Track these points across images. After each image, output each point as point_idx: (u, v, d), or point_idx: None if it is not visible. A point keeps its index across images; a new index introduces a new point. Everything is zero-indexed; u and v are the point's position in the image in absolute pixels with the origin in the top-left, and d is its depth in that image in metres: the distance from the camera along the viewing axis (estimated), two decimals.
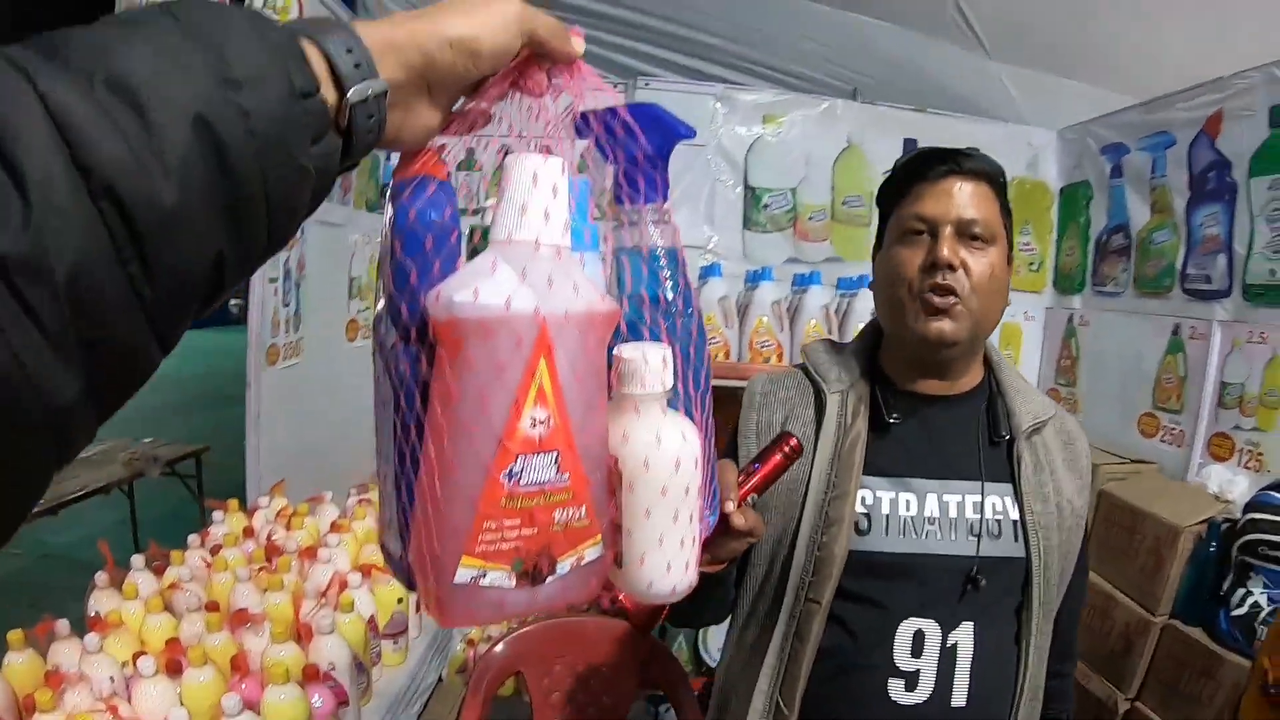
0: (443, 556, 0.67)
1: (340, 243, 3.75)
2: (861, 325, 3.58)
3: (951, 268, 1.48)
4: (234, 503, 2.67)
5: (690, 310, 0.82)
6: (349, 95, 0.57)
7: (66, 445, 0.46)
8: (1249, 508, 2.79)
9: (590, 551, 0.71)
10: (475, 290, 0.63)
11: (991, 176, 1.55)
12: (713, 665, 3.77)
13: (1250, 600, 2.66)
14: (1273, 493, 2.75)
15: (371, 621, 2.23)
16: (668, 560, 0.75)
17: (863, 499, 1.55)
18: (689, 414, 0.81)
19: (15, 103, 0.42)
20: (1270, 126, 3.11)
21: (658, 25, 4.36)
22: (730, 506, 1.21)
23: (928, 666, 1.51)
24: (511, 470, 0.65)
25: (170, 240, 0.46)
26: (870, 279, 1.72)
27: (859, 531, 1.54)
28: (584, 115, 0.77)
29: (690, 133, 0.79)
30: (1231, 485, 3.10)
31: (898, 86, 4.57)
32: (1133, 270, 3.95)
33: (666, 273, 0.80)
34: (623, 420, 0.73)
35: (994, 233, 1.52)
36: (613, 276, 0.80)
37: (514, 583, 0.68)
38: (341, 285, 3.80)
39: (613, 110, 0.77)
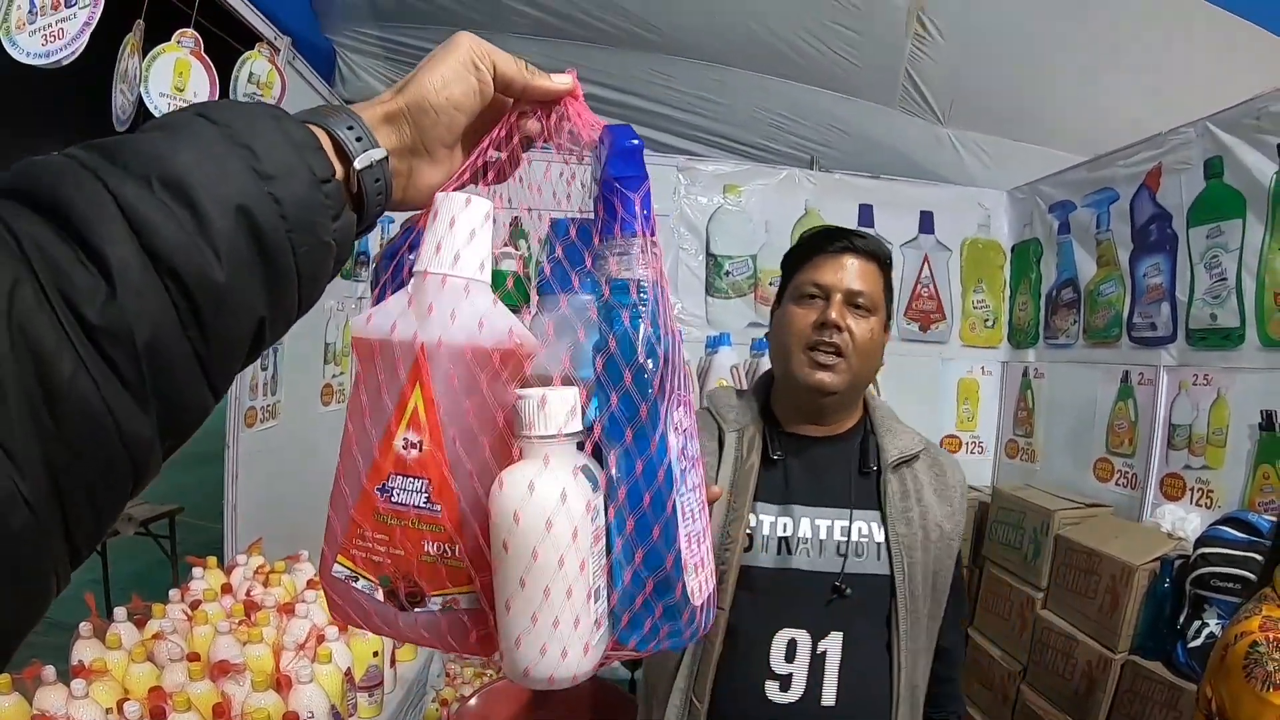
0: (329, 546, 0.73)
1: (316, 309, 3.74)
2: None
3: (839, 328, 1.74)
4: (212, 560, 2.68)
5: (655, 358, 0.73)
6: (355, 163, 0.66)
7: (142, 474, 0.55)
8: (1200, 543, 2.87)
9: (464, 598, 0.69)
10: (369, 316, 0.70)
11: (879, 258, 1.83)
12: None
13: (1206, 631, 2.73)
14: (1222, 527, 2.83)
15: (348, 674, 2.25)
16: (543, 643, 0.65)
17: (748, 521, 1.77)
18: (644, 482, 0.73)
19: (95, 203, 0.51)
20: (1206, 178, 3.26)
21: (619, 98, 4.49)
22: None
23: (799, 670, 1.72)
24: (384, 486, 0.68)
25: (222, 310, 0.55)
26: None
27: (744, 549, 1.75)
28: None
29: (640, 143, 0.78)
30: (1184, 523, 3.19)
31: (853, 154, 4.73)
32: (1082, 322, 4.08)
33: (638, 306, 0.73)
34: (508, 467, 0.66)
35: (875, 304, 1.79)
36: (575, 318, 0.76)
37: (381, 598, 0.71)
38: (317, 351, 3.86)
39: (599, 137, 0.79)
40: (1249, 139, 3.03)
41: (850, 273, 1.78)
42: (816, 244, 1.83)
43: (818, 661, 1.72)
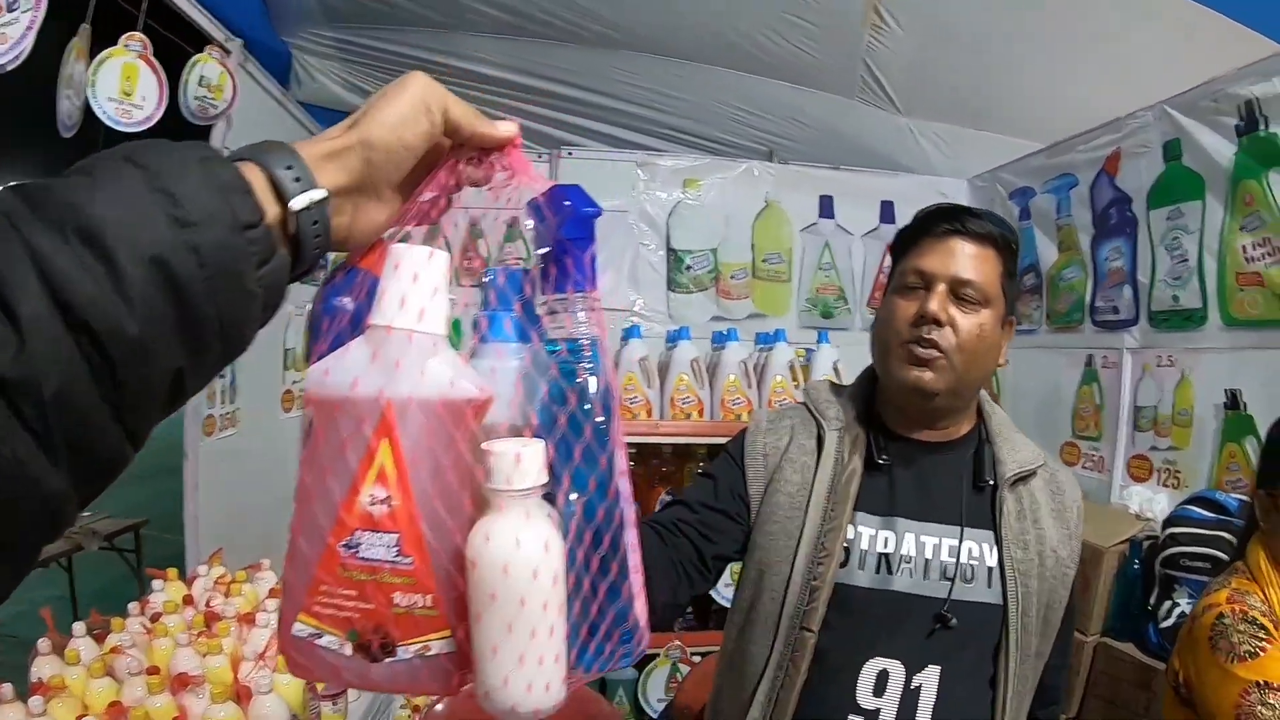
0: (287, 606, 0.71)
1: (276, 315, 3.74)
2: (779, 378, 3.69)
3: (939, 323, 1.53)
4: (173, 571, 2.65)
5: (608, 412, 0.78)
6: (290, 205, 0.65)
7: (56, 527, 0.55)
8: (1168, 523, 2.90)
9: (437, 644, 0.69)
10: (326, 371, 0.68)
11: (997, 240, 1.59)
12: (653, 715, 3.77)
13: (1177, 611, 2.75)
14: (1190, 507, 2.86)
15: (310, 684, 2.22)
16: (529, 680, 0.68)
17: (846, 533, 1.56)
18: (605, 526, 0.78)
19: (9, 256, 0.50)
20: (1165, 161, 3.28)
21: (578, 95, 4.47)
22: None
23: (889, 706, 1.51)
24: (349, 542, 0.67)
25: (135, 363, 0.54)
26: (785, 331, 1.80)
27: (840, 564, 1.55)
28: (534, 201, 0.81)
29: (597, 210, 0.81)
30: (1152, 504, 3.22)
31: (813, 146, 4.72)
32: (1045, 307, 4.11)
33: (587, 362, 0.78)
34: (486, 520, 0.68)
35: (987, 295, 1.56)
36: (532, 370, 0.77)
37: (349, 651, 0.69)
38: (276, 357, 3.83)
39: (544, 193, 0.80)
40: (1207, 121, 3.05)
41: (957, 259, 1.56)
42: (923, 225, 1.64)
43: (910, 698, 1.51)
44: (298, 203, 0.65)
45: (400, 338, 0.66)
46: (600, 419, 0.77)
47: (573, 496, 0.76)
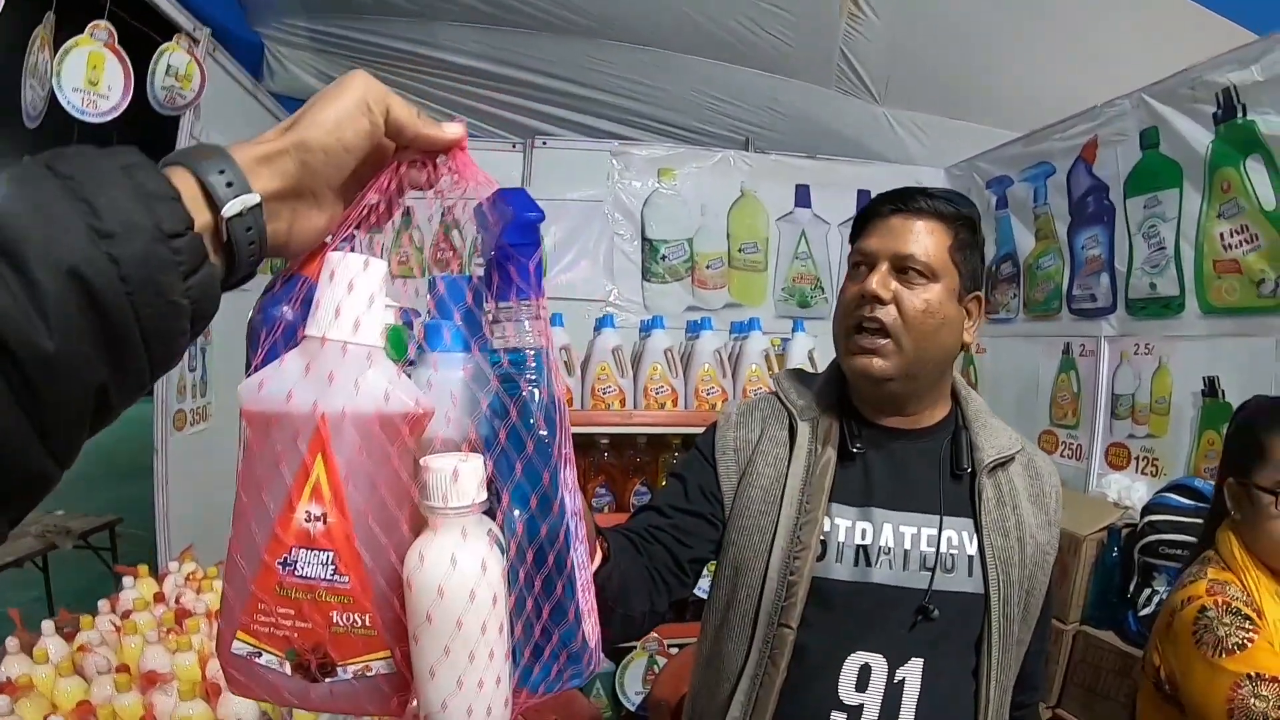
0: (225, 625, 0.69)
1: (246, 306, 3.69)
2: (753, 367, 3.68)
3: (880, 300, 1.48)
4: (143, 568, 2.62)
5: (552, 426, 0.77)
6: (223, 211, 0.62)
7: None
8: (1146, 510, 2.90)
9: (377, 665, 0.68)
10: (261, 383, 0.65)
11: (945, 215, 1.53)
12: (631, 708, 3.77)
13: (1156, 599, 2.75)
14: (1169, 494, 2.86)
15: None
16: (469, 704, 0.67)
17: (823, 525, 1.52)
18: (549, 544, 0.77)
19: None
20: (1142, 149, 3.29)
21: (553, 84, 4.44)
22: None
23: (872, 701, 1.47)
24: (285, 559, 0.65)
25: (54, 379, 0.52)
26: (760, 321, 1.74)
27: (817, 558, 1.50)
28: (479, 206, 0.79)
29: (539, 215, 0.77)
30: (1130, 491, 3.22)
31: (789, 135, 4.73)
32: (1023, 296, 4.12)
33: (531, 373, 0.77)
34: (421, 539, 0.66)
35: (933, 269, 1.50)
36: (473, 382, 0.76)
37: (289, 671, 0.68)
38: None
39: (488, 198, 0.78)
40: (1184, 109, 3.06)
41: (898, 235, 1.50)
42: (871, 208, 1.59)
43: (893, 692, 1.47)
44: (230, 209, 0.62)
45: (334, 349, 0.64)
46: (544, 433, 0.75)
47: (515, 514, 0.74)
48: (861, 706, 1.47)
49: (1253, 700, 1.61)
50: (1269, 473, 1.79)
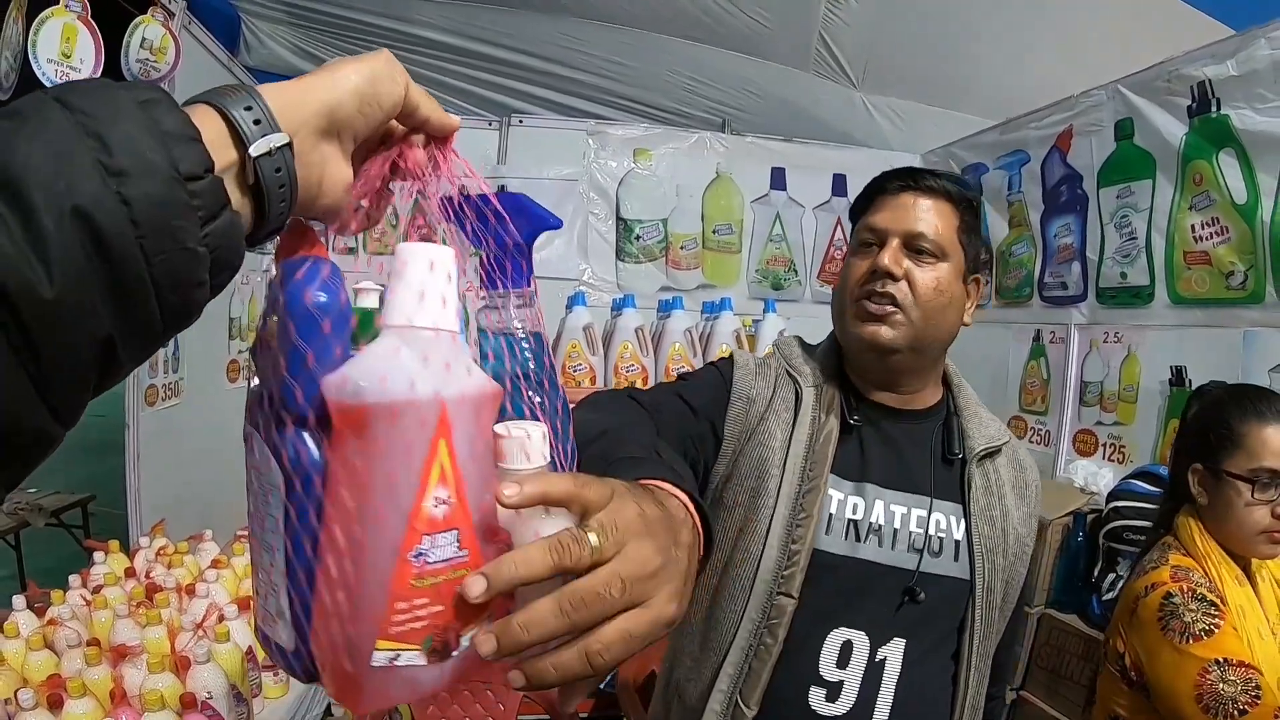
0: (358, 641, 0.64)
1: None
2: (724, 346, 3.69)
3: (892, 276, 1.48)
4: (114, 544, 2.61)
5: (556, 389, 0.82)
6: (250, 149, 0.59)
7: None
8: (1112, 497, 2.95)
9: (487, 623, 0.68)
10: (382, 376, 0.63)
11: (954, 196, 1.55)
12: (600, 687, 3.77)
13: (1119, 584, 2.78)
14: (1133, 481, 2.91)
15: (250, 653, 2.20)
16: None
17: (825, 494, 1.51)
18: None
19: None
20: (1117, 139, 3.32)
21: (529, 63, 4.42)
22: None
23: (852, 679, 1.46)
24: (419, 550, 0.64)
25: (54, 328, 0.48)
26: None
27: (819, 526, 1.49)
28: (456, 200, 0.78)
29: (557, 223, 0.81)
30: (1097, 478, 3.27)
31: (766, 117, 4.72)
32: (994, 282, 4.16)
33: (533, 354, 0.80)
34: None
35: (943, 248, 1.51)
36: (480, 357, 0.79)
37: (425, 661, 0.66)
38: (221, 326, 3.76)
39: (484, 198, 0.78)
40: (1159, 101, 3.09)
41: (910, 213, 1.51)
42: (878, 184, 1.59)
43: (874, 670, 1.46)
44: (257, 148, 0.59)
45: (446, 339, 0.65)
46: (548, 402, 0.80)
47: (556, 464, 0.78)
48: (841, 683, 1.46)
49: (1221, 685, 1.64)
50: (1241, 460, 1.82)
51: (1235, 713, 1.62)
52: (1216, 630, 1.70)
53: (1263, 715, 1.62)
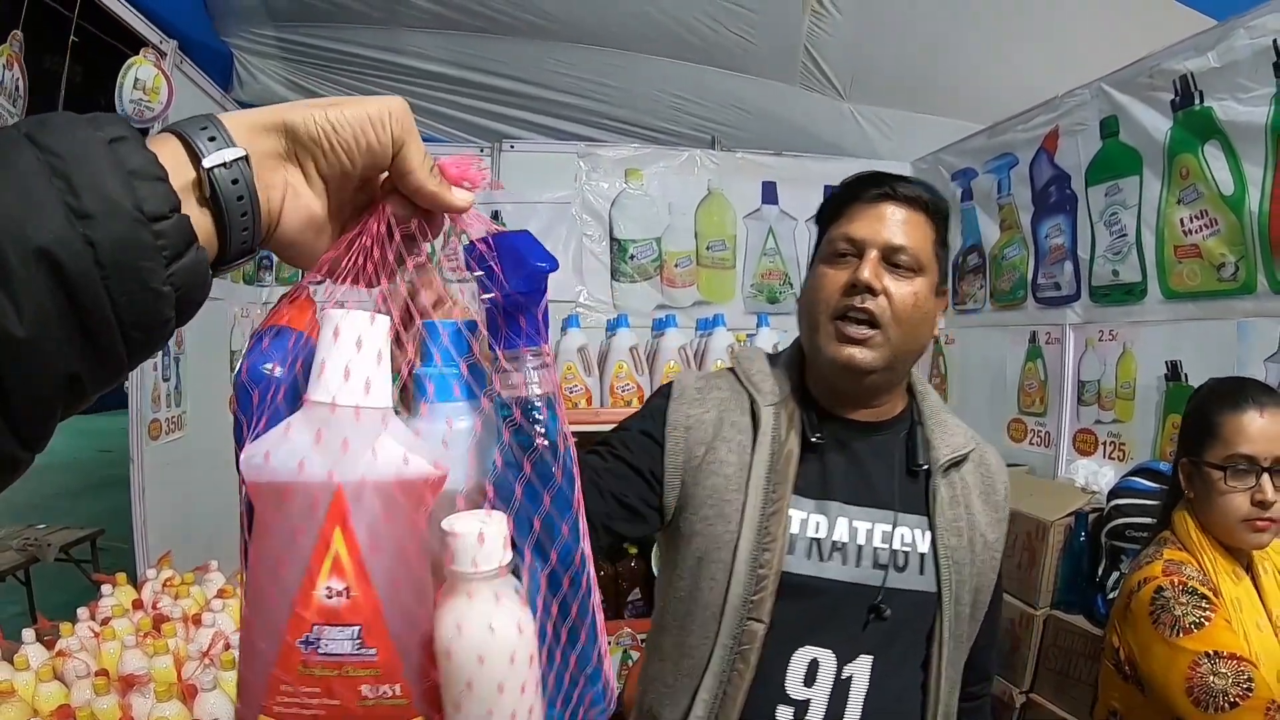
0: (242, 709, 0.65)
1: (220, 315, 3.77)
2: (719, 362, 3.70)
3: (872, 291, 1.45)
4: (121, 576, 2.64)
5: (569, 476, 0.74)
6: (203, 163, 0.58)
7: None
8: (1112, 494, 2.94)
9: None
10: (267, 454, 0.61)
11: (929, 206, 1.53)
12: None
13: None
14: (1134, 478, 2.90)
15: None
16: None
17: (787, 516, 1.49)
18: (572, 595, 0.75)
19: None
20: (1102, 138, 3.32)
21: (518, 88, 4.46)
22: None
23: (819, 697, 1.46)
24: (308, 638, 0.61)
25: (22, 366, 0.49)
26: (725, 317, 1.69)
27: (784, 549, 1.47)
28: (470, 247, 0.73)
29: (551, 265, 0.73)
30: (1098, 477, 3.26)
31: (755, 133, 4.73)
32: (989, 286, 4.15)
33: (542, 424, 0.72)
34: (455, 606, 0.63)
35: (921, 263, 1.49)
36: (485, 435, 0.72)
37: None
38: (223, 358, 3.79)
39: (485, 241, 0.73)
40: (1143, 97, 3.09)
41: (889, 224, 1.48)
42: (852, 191, 1.55)
43: (841, 688, 1.46)
44: (210, 160, 0.59)
45: (346, 415, 0.61)
46: (561, 483, 0.72)
47: (538, 568, 0.72)
48: (808, 702, 1.46)
49: (1211, 678, 1.64)
50: (1218, 449, 1.83)
51: (1226, 705, 1.62)
52: (1207, 623, 1.70)
53: (1255, 707, 1.61)
